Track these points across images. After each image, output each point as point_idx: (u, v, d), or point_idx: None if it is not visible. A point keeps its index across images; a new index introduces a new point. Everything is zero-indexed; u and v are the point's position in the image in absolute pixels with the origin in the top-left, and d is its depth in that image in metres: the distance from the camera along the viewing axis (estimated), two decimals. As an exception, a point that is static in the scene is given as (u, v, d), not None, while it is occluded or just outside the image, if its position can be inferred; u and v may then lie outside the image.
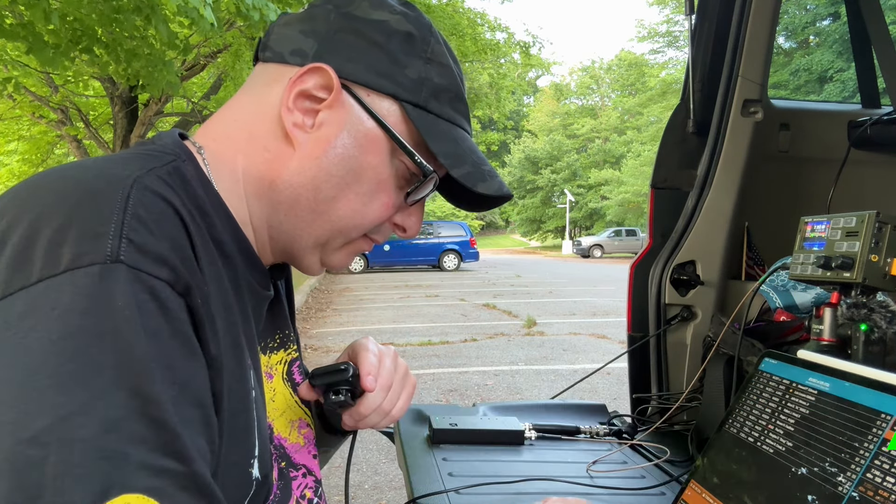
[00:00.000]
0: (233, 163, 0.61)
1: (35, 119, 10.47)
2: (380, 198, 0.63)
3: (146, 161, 0.53)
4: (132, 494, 0.40)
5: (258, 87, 0.63)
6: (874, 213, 0.86)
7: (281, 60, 0.61)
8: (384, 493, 2.97)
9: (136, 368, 0.43)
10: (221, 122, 0.63)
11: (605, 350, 6.31)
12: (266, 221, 0.62)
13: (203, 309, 0.49)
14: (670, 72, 36.61)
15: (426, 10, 10.63)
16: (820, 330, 0.95)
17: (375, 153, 0.61)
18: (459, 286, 13.65)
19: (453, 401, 4.54)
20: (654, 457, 1.16)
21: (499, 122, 16.52)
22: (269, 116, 0.61)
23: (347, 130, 0.60)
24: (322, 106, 0.59)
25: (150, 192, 0.49)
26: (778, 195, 1.71)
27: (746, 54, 1.53)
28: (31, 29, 4.52)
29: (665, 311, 1.56)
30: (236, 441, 0.53)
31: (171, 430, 0.43)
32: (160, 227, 0.48)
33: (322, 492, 0.72)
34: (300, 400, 0.73)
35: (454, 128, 0.64)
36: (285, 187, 0.60)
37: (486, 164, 0.65)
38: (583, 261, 26.64)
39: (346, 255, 0.67)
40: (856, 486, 0.63)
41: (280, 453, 0.65)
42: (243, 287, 0.59)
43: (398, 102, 0.61)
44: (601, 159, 43.03)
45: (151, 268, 0.45)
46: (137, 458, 0.41)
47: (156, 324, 0.45)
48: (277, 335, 0.71)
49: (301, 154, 0.60)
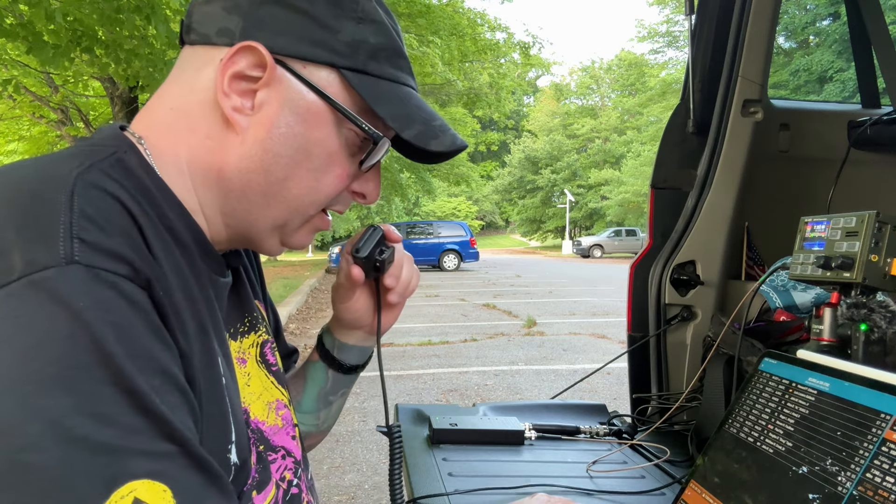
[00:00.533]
0: (175, 154, 0.59)
1: (35, 119, 10.47)
2: (333, 170, 0.61)
3: (86, 156, 0.52)
4: (137, 481, 0.41)
5: (189, 73, 0.60)
6: (874, 213, 0.86)
7: (208, 42, 0.59)
8: (384, 493, 2.97)
9: (115, 363, 0.42)
10: (157, 111, 0.61)
11: (605, 350, 6.31)
12: (219, 210, 0.61)
13: (166, 300, 0.49)
14: (670, 72, 36.58)
15: (426, 10, 10.64)
16: (820, 330, 0.95)
17: (321, 126, 0.59)
18: (459, 286, 13.66)
19: (453, 401, 4.54)
20: (654, 457, 1.16)
21: (499, 122, 16.51)
22: (205, 103, 0.58)
23: (289, 107, 0.58)
24: (259, 86, 0.57)
25: (94, 188, 0.48)
26: (778, 195, 1.71)
27: (746, 54, 1.53)
28: (31, 29, 4.53)
29: (665, 311, 1.57)
30: (212, 428, 0.53)
31: (161, 417, 0.44)
32: (110, 223, 0.47)
33: (302, 472, 0.72)
34: (351, 282, 0.76)
35: (398, 86, 0.62)
36: (234, 174, 0.59)
37: (437, 120, 0.63)
38: (583, 261, 26.64)
39: (305, 234, 0.66)
40: (856, 485, 0.63)
41: (258, 437, 0.65)
42: (203, 275, 0.59)
43: (336, 70, 0.59)
44: (601, 159, 43.03)
45: (109, 264, 0.45)
46: (136, 447, 0.42)
47: (125, 318, 0.44)
48: (246, 319, 0.71)
49: (245, 138, 0.58)
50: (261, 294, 0.80)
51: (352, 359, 0.85)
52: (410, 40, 10.04)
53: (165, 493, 0.42)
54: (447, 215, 44.65)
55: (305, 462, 0.76)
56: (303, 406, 0.85)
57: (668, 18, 35.68)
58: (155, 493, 0.42)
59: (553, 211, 42.70)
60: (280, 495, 0.66)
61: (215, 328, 0.58)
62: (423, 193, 22.67)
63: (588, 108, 51.08)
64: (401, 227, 20.17)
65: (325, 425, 0.90)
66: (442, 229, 20.22)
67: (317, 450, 3.50)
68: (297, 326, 7.76)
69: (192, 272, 0.56)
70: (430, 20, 10.84)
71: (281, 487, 0.66)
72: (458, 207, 47.72)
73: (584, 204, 40.21)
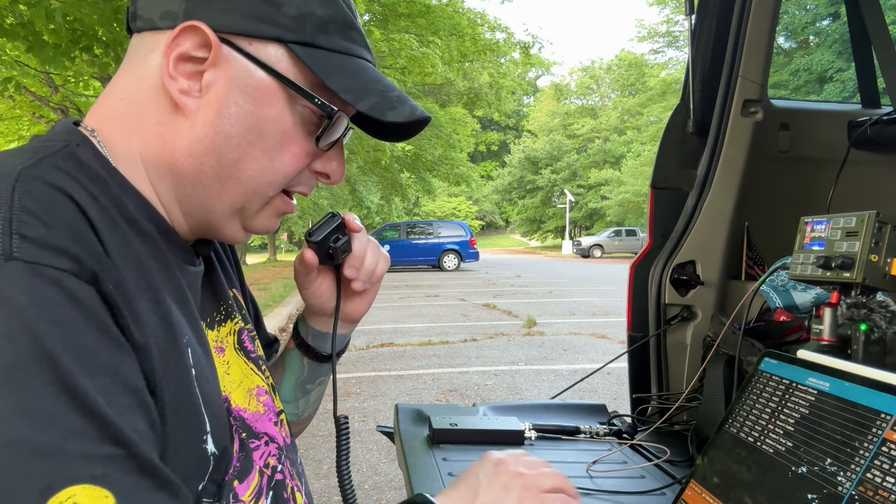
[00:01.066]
0: (127, 144, 0.58)
1: (35, 119, 10.47)
2: (288, 149, 0.60)
3: (36, 152, 0.51)
4: (77, 486, 0.40)
5: (137, 61, 0.59)
6: (874, 213, 0.86)
7: (153, 27, 0.58)
8: (384, 493, 2.97)
9: (56, 362, 0.41)
10: (108, 102, 0.60)
11: (605, 350, 6.31)
12: (175, 198, 0.60)
13: (117, 294, 0.47)
14: (670, 72, 36.58)
15: (426, 10, 10.64)
16: (820, 330, 0.95)
17: (272, 104, 0.58)
18: (459, 286, 13.66)
19: (453, 401, 4.54)
20: (654, 457, 1.16)
21: (500, 121, 16.51)
22: (153, 88, 0.57)
23: (237, 86, 0.57)
24: (205, 66, 0.56)
25: (38, 182, 0.47)
26: (778, 195, 1.71)
27: (746, 54, 1.53)
28: (30, 28, 4.53)
29: (665, 311, 1.57)
30: (183, 419, 0.52)
31: (105, 418, 0.42)
32: (53, 216, 0.46)
33: (286, 458, 0.71)
34: (305, 266, 0.75)
35: (351, 59, 0.61)
36: (185, 159, 0.58)
37: (394, 90, 0.62)
38: (583, 261, 26.64)
39: (267, 217, 0.65)
40: (856, 485, 0.63)
41: (240, 424, 0.64)
42: (172, 264, 0.58)
43: (284, 45, 0.57)
44: (601, 159, 43.03)
45: (51, 260, 0.44)
46: (76, 450, 0.40)
47: (66, 315, 0.43)
48: (221, 307, 0.70)
49: (195, 121, 0.57)
50: (237, 282, 0.79)
51: (326, 347, 0.84)
52: (411, 42, 10.05)
53: (107, 498, 0.41)
54: (447, 215, 44.65)
55: (292, 447, 0.76)
56: (282, 395, 0.84)
57: (668, 18, 35.69)
58: (96, 499, 0.40)
59: (553, 211, 42.70)
60: (264, 482, 0.65)
61: (188, 318, 0.57)
62: (423, 193, 22.66)
63: (588, 108, 51.07)
64: (401, 227, 20.18)
65: (306, 414, 0.89)
66: (442, 229, 20.22)
67: (316, 450, 3.50)
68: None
69: (155, 263, 0.55)
70: (429, 20, 10.84)
71: (265, 474, 0.66)
72: (458, 207, 47.73)
73: (584, 204, 40.21)
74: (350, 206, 22.53)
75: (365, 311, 0.84)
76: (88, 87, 9.24)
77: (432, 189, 21.68)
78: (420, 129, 0.66)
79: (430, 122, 0.65)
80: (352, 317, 0.83)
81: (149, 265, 0.53)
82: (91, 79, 8.76)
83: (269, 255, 25.49)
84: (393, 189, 19.54)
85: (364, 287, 0.79)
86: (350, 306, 0.81)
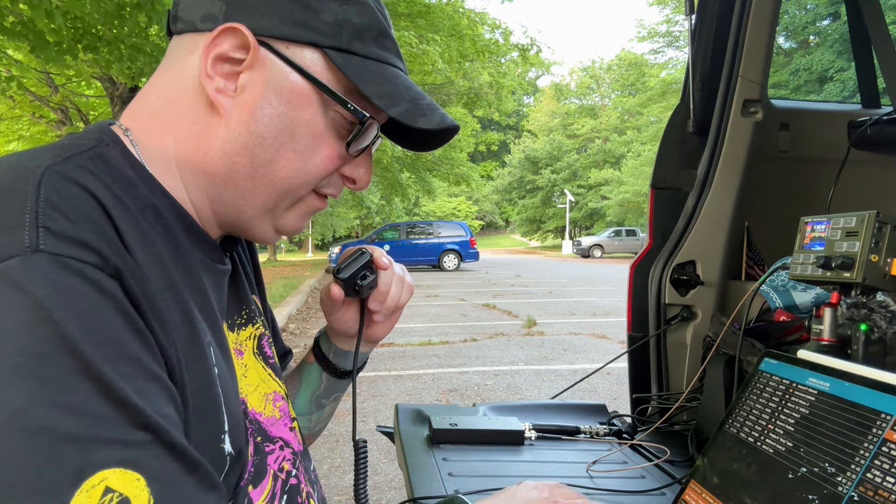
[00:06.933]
0: (163, 142, 0.59)
1: (35, 119, 10.48)
2: (320, 151, 0.61)
3: (64, 150, 0.52)
4: (108, 470, 0.40)
5: (176, 61, 0.60)
6: (874, 213, 0.86)
7: (193, 29, 0.59)
8: (384, 493, 2.97)
9: (80, 351, 0.42)
10: (145, 101, 0.61)
11: (605, 350, 6.31)
12: (206, 197, 0.61)
13: (138, 290, 0.48)
14: (670, 72, 36.57)
15: (426, 10, 10.63)
16: (820, 330, 0.95)
17: (306, 107, 0.59)
18: (459, 286, 13.65)
19: (453, 401, 4.54)
20: (654, 457, 1.16)
21: (500, 121, 16.52)
22: (191, 88, 0.59)
23: (272, 88, 0.58)
24: (242, 67, 0.57)
25: (63, 179, 0.48)
26: (778, 195, 1.71)
27: (746, 54, 1.53)
28: (32, 27, 4.52)
29: (665, 311, 1.57)
30: (203, 418, 0.53)
31: (130, 403, 0.43)
32: (77, 212, 0.46)
33: (301, 463, 0.72)
34: (331, 299, 0.78)
35: (384, 66, 0.62)
36: (219, 158, 0.59)
37: (425, 99, 0.63)
38: (583, 261, 26.63)
39: (297, 216, 0.65)
40: (856, 486, 0.63)
41: (255, 428, 0.65)
42: (195, 265, 0.58)
43: (320, 50, 0.59)
44: (601, 159, 43.04)
45: (75, 252, 0.44)
46: (105, 436, 0.41)
47: (91, 304, 0.44)
48: (244, 311, 0.71)
49: (229, 121, 0.58)
50: (257, 289, 0.80)
51: (347, 364, 0.86)
52: (410, 39, 10.03)
53: (139, 481, 0.42)
54: (447, 215, 44.65)
55: (306, 454, 0.76)
56: (297, 408, 0.85)
57: (668, 18, 35.68)
58: (127, 482, 0.41)
59: (553, 211, 42.70)
60: (278, 486, 0.65)
61: (209, 317, 0.58)
62: (424, 193, 22.67)
63: (588, 108, 51.09)
64: (401, 227, 20.18)
65: (317, 428, 0.91)
66: (442, 229, 20.21)
67: (317, 450, 3.50)
68: (297, 326, 7.75)
69: (179, 262, 0.55)
70: (429, 20, 10.84)
71: (279, 478, 0.66)
72: (458, 207, 47.73)
73: (584, 204, 40.22)
74: (350, 206, 22.51)
75: (386, 334, 0.86)
76: (91, 85, 9.26)
77: (432, 189, 21.69)
78: (450, 137, 0.67)
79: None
80: (373, 338, 0.86)
81: (171, 265, 0.54)
82: (91, 79, 8.77)
83: (268, 255, 25.51)
84: (393, 189, 19.55)
85: (384, 320, 0.83)
86: (372, 330, 0.84)
